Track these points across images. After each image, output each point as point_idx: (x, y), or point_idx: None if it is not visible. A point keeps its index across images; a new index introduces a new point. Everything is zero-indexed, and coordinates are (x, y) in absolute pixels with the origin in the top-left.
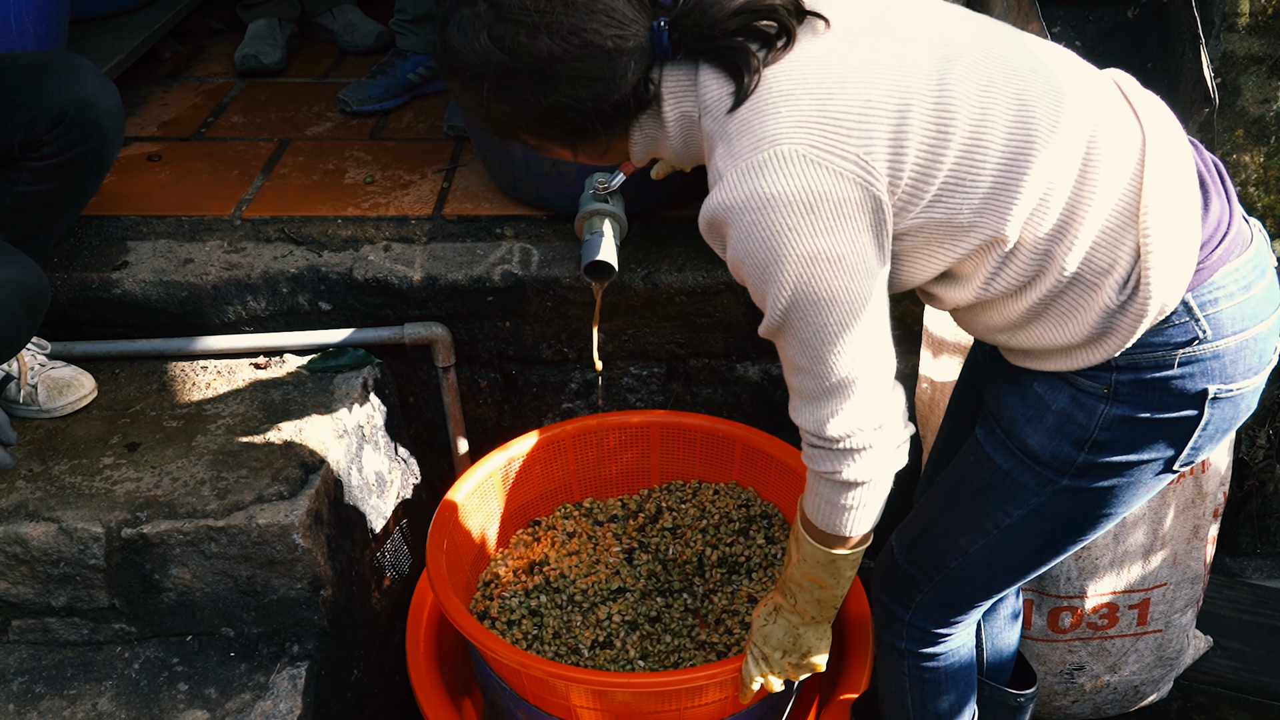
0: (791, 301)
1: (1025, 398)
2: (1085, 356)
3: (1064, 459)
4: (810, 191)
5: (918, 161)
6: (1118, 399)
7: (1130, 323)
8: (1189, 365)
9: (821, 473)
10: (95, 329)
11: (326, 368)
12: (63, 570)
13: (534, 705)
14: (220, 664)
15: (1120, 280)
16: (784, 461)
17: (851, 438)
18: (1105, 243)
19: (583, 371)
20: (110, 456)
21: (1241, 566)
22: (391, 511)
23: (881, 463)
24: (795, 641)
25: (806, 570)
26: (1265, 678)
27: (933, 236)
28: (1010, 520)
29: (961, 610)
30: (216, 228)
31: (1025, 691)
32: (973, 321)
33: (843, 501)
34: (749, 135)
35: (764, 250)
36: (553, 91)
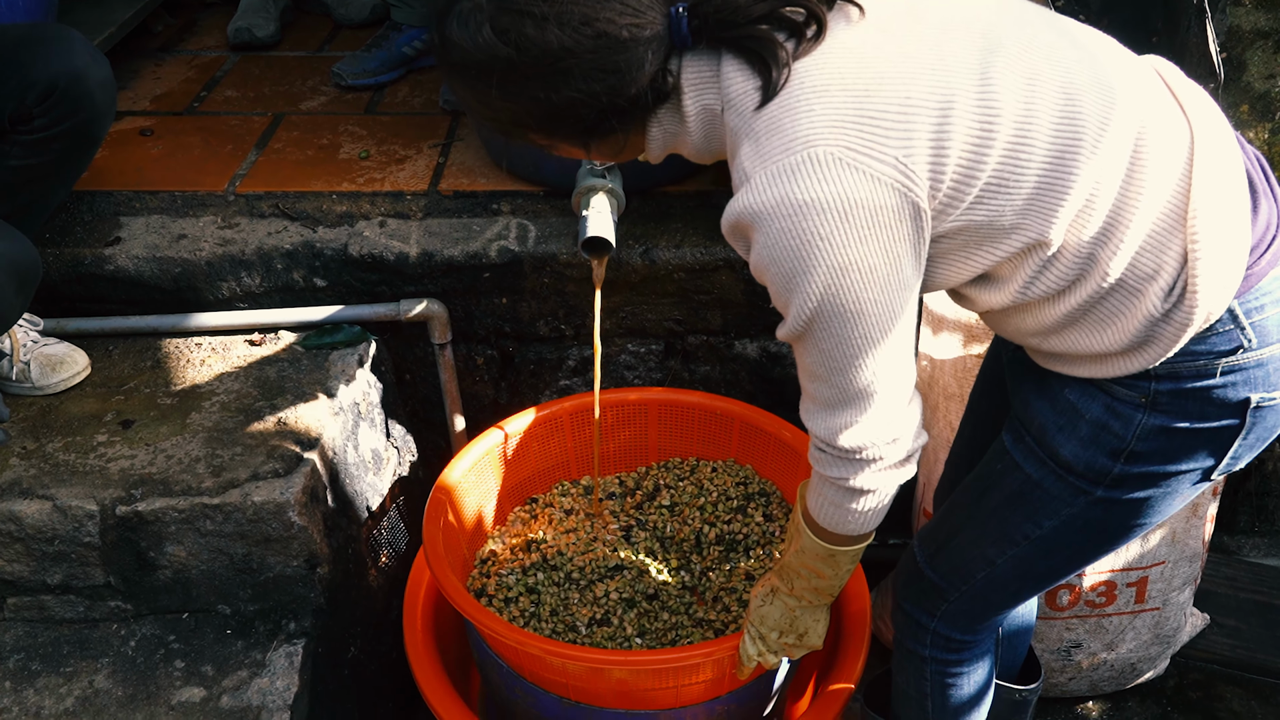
0: (816, 312)
1: (1056, 405)
2: (1123, 364)
3: (1098, 470)
4: (846, 198)
5: (960, 163)
6: (1156, 408)
7: (1174, 331)
8: (1232, 374)
9: (828, 476)
10: (88, 305)
11: (322, 345)
12: (58, 548)
13: (531, 682)
14: (217, 641)
15: (1165, 287)
16: (782, 439)
17: (864, 450)
18: (1151, 247)
19: (580, 348)
20: (104, 434)
21: (1239, 545)
22: (388, 489)
23: (890, 475)
24: (792, 623)
25: (805, 560)
26: (1262, 655)
27: (972, 239)
28: (1041, 531)
29: (989, 618)
30: (210, 203)
31: (1028, 687)
32: (1004, 323)
33: (848, 505)
34: (780, 135)
35: (792, 258)
36: (564, 86)
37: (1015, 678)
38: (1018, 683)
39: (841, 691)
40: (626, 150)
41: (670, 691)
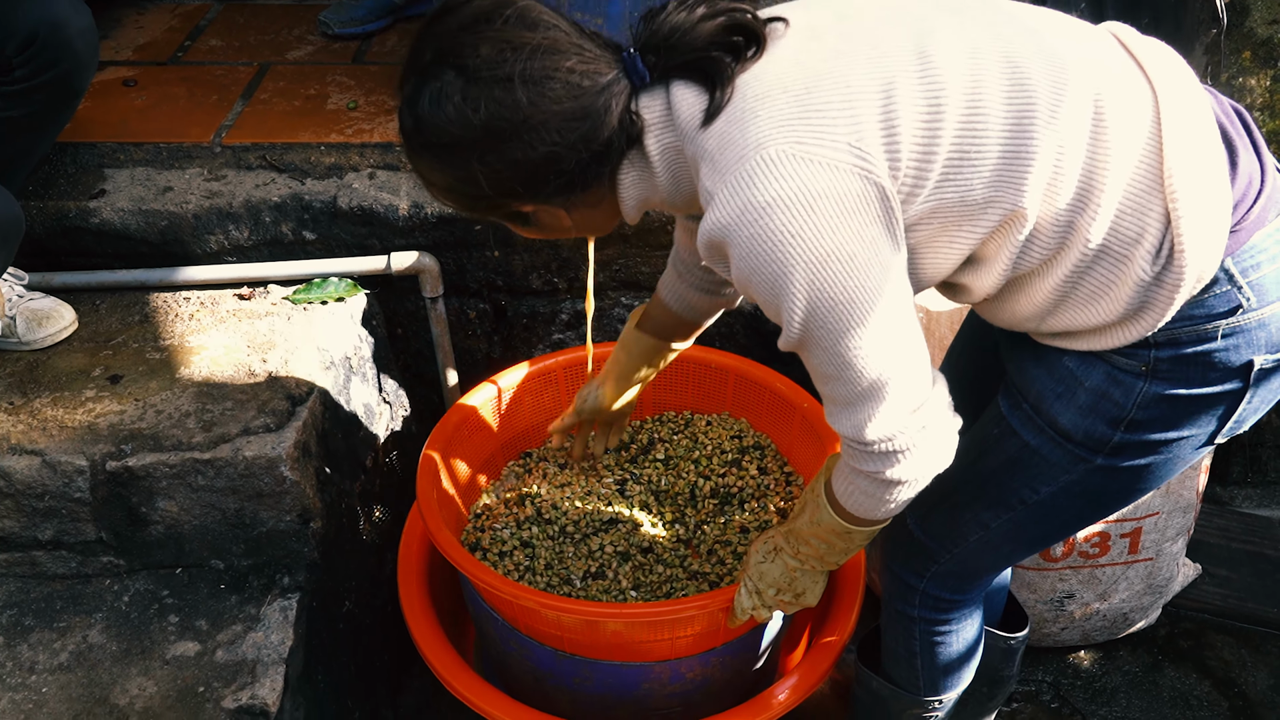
0: (808, 311)
1: (1054, 373)
2: (1121, 334)
3: (1098, 438)
4: (806, 190)
5: (915, 139)
6: (1157, 376)
7: (1167, 295)
8: (1233, 336)
9: (863, 471)
10: (74, 259)
11: (312, 298)
12: (48, 503)
13: (526, 635)
14: (210, 596)
15: (1152, 250)
16: (777, 391)
17: (893, 439)
18: (1131, 210)
19: (573, 302)
20: (92, 389)
21: (1232, 495)
22: (381, 444)
23: (926, 463)
24: (791, 583)
25: (818, 531)
26: (1252, 604)
27: (949, 220)
28: (1038, 497)
29: (978, 579)
30: (196, 155)
31: (1017, 635)
32: (1001, 311)
33: (882, 496)
34: (731, 147)
35: (769, 262)
36: (540, 142)
37: (999, 625)
38: (1003, 630)
39: (835, 644)
40: (606, 206)
41: (665, 643)
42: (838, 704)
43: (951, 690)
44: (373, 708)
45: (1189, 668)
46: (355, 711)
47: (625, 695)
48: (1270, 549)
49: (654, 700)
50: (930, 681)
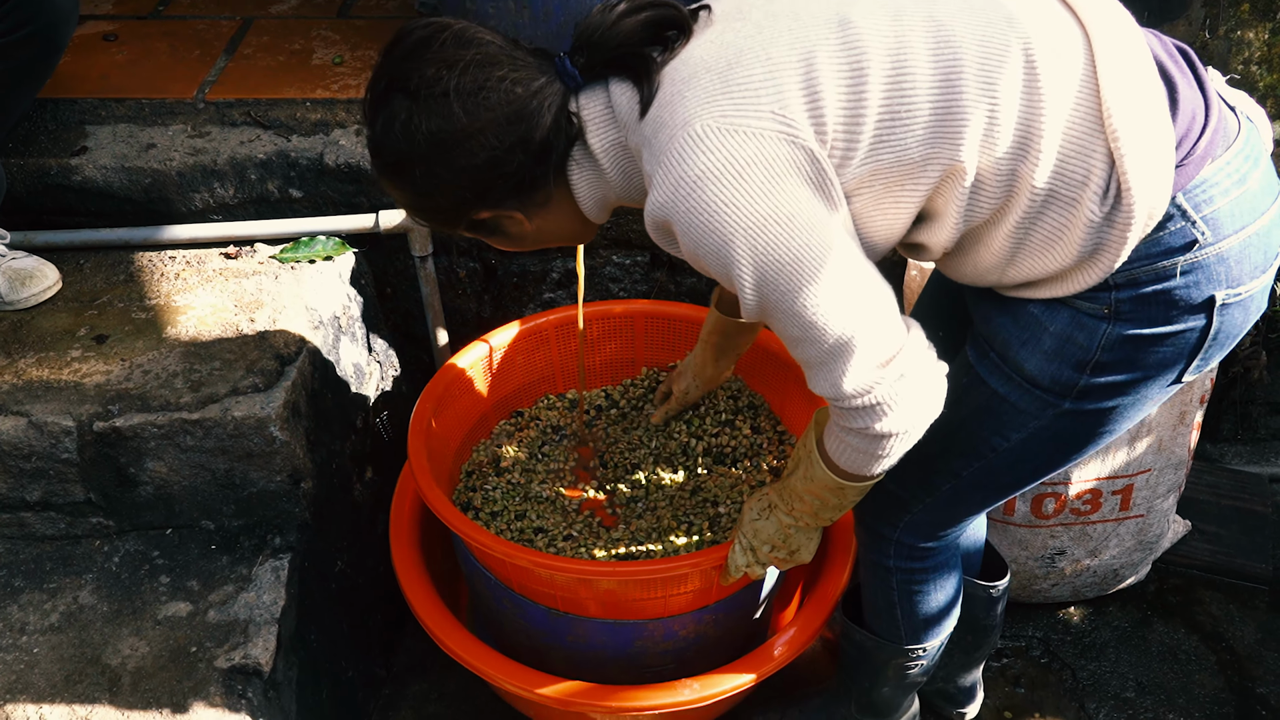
0: (757, 275)
1: (1019, 320)
2: (1081, 279)
3: (1065, 382)
4: (734, 160)
5: (839, 103)
6: (1119, 318)
7: (1119, 234)
8: (1192, 273)
9: (852, 429)
10: (56, 218)
11: (300, 257)
12: (35, 464)
13: (519, 594)
14: (201, 557)
15: (1099, 190)
16: (770, 350)
17: (871, 391)
18: (1074, 153)
19: (564, 260)
20: (78, 349)
21: (1222, 453)
22: (371, 404)
23: (913, 413)
24: (785, 540)
25: (812, 488)
26: (1241, 560)
27: (890, 180)
28: (1008, 444)
29: (951, 526)
30: (179, 111)
31: (998, 584)
32: (963, 266)
33: (873, 451)
34: (663, 129)
35: (710, 234)
36: (480, 148)
37: (979, 576)
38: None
39: (829, 599)
40: (558, 208)
41: (658, 601)
42: (828, 660)
43: (934, 638)
44: (366, 667)
45: (1177, 623)
46: (349, 671)
47: (619, 653)
48: (1259, 505)
49: (647, 657)
50: (911, 630)
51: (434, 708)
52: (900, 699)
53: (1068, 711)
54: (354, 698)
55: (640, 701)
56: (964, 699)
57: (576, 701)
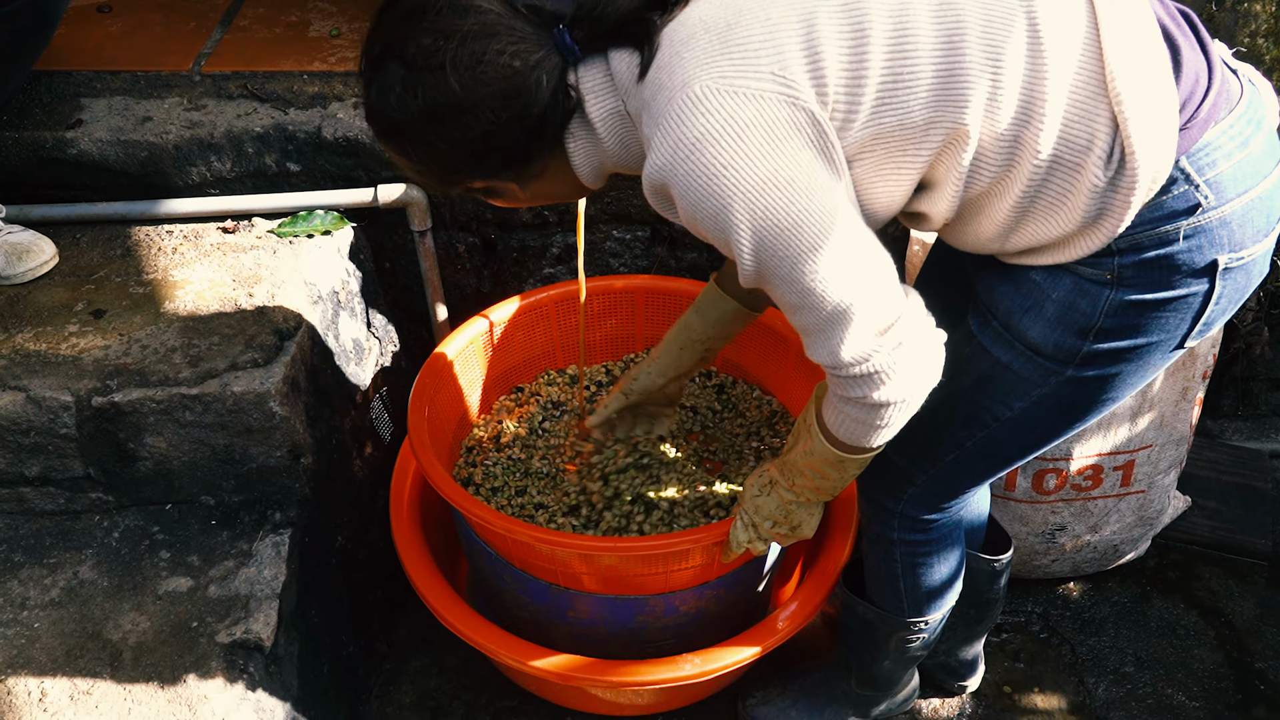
0: (755, 240)
1: (1022, 287)
2: (1084, 244)
3: (1068, 349)
4: (734, 121)
5: (840, 65)
6: (1122, 283)
7: (1123, 199)
8: (1194, 237)
9: (850, 398)
10: (51, 192)
11: (298, 232)
12: (34, 440)
13: (520, 569)
14: (202, 532)
15: (1103, 155)
16: (771, 326)
17: (869, 360)
18: (1078, 117)
19: (564, 235)
20: (75, 324)
21: (1222, 429)
22: (370, 379)
23: (911, 382)
24: (786, 515)
25: (812, 462)
26: (1240, 535)
27: (891, 145)
28: (1011, 413)
29: (954, 497)
30: (175, 84)
31: (1001, 557)
32: (965, 235)
33: (872, 421)
34: (662, 91)
35: (709, 197)
36: (476, 122)
37: (982, 549)
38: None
39: (831, 572)
40: (554, 177)
41: (660, 577)
42: (828, 635)
43: (936, 611)
44: (366, 642)
45: (1177, 598)
46: (349, 646)
47: (619, 628)
48: (1259, 481)
49: (648, 633)
50: (915, 603)
51: (434, 682)
52: (901, 672)
53: (1067, 686)
54: (355, 673)
55: (641, 676)
56: (965, 672)
57: (577, 676)
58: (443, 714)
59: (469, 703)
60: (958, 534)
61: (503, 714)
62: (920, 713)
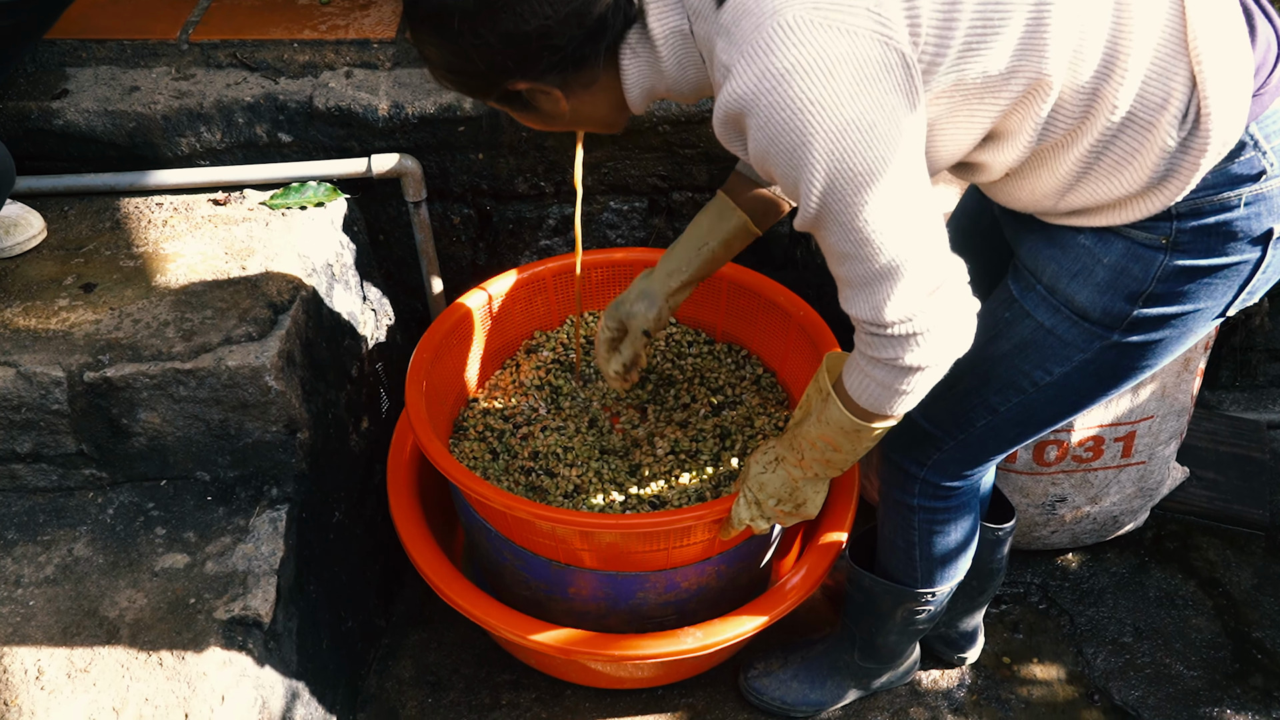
0: (827, 183)
1: (1069, 251)
2: (1144, 206)
3: (1116, 314)
4: (826, 56)
5: (935, 5)
6: (1177, 248)
7: (1192, 161)
8: (1255, 204)
9: (879, 359)
10: (38, 164)
11: (290, 204)
12: (25, 415)
13: (521, 546)
14: (197, 508)
15: (1178, 115)
16: (773, 301)
17: (912, 320)
18: (1156, 75)
19: (561, 206)
20: (65, 298)
21: (1220, 399)
22: (366, 353)
23: (945, 347)
24: (792, 493)
25: (825, 433)
26: (1238, 506)
27: (970, 93)
28: (1050, 378)
29: (979, 464)
30: (162, 52)
31: (1004, 525)
32: (1019, 190)
33: (897, 386)
34: (748, 17)
35: (788, 132)
36: (532, 15)
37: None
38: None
39: (832, 547)
40: (603, 90)
41: (661, 554)
42: (829, 609)
43: (947, 582)
44: (365, 617)
45: (1175, 568)
46: (348, 621)
47: (620, 604)
48: (1257, 451)
49: (649, 609)
50: (927, 573)
51: (434, 657)
52: (904, 645)
53: (1066, 656)
54: (354, 648)
55: (643, 650)
56: (965, 644)
57: (579, 650)
58: (442, 688)
59: (468, 677)
60: (974, 503)
61: (502, 688)
62: (920, 684)
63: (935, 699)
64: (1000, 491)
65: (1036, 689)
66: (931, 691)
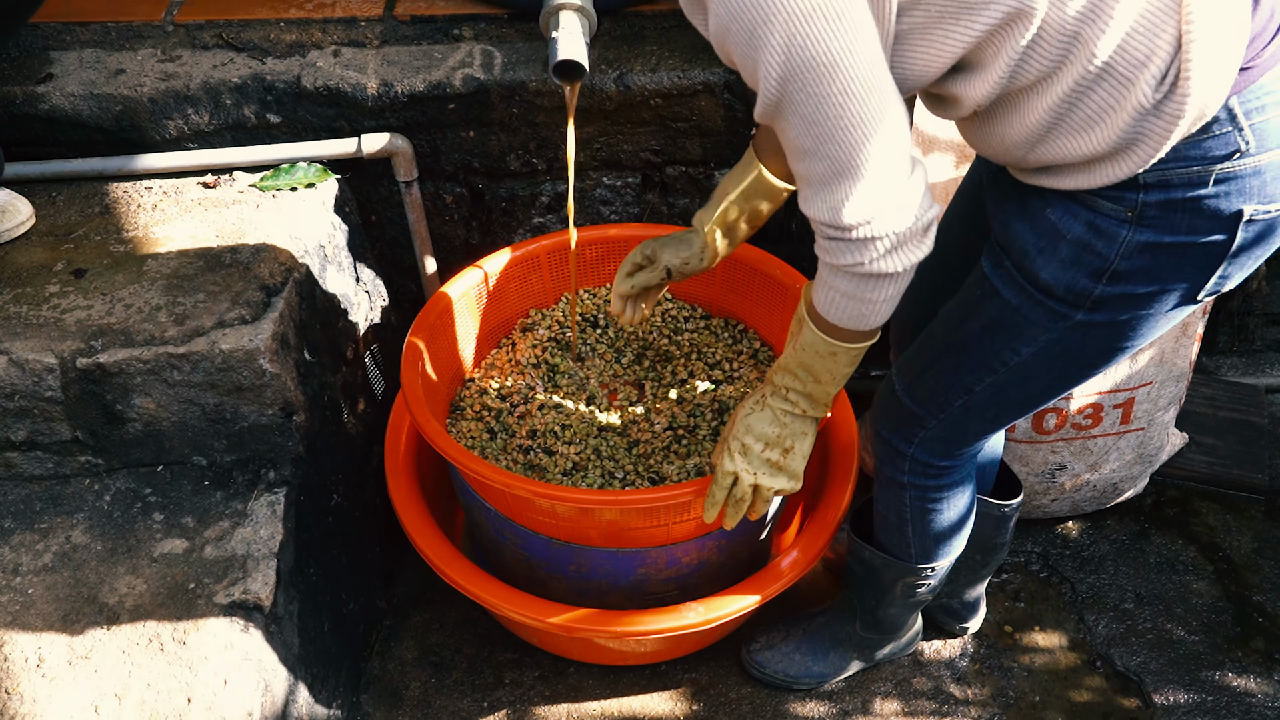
0: (786, 69)
1: (1037, 226)
2: (1110, 170)
3: (1079, 292)
4: None
5: None
6: (1142, 223)
7: (1164, 126)
8: (1226, 183)
9: (839, 266)
10: (24, 149)
11: (281, 185)
12: (18, 403)
13: (521, 525)
14: (195, 493)
15: (1157, 74)
16: (769, 274)
17: (871, 224)
18: (1143, 29)
19: (554, 183)
20: (56, 284)
21: (1218, 365)
22: (360, 335)
23: (905, 253)
24: (778, 434)
25: (804, 358)
26: (1237, 470)
27: (947, 9)
28: (1019, 358)
29: (966, 444)
30: (147, 34)
31: (1010, 503)
32: (989, 135)
33: (861, 295)
34: None
35: (748, 11)
36: None
37: (992, 494)
38: (996, 498)
39: (830, 521)
40: None
41: (661, 529)
42: (830, 581)
43: (943, 558)
44: (366, 600)
45: (1175, 534)
46: (349, 603)
47: (621, 581)
48: (1256, 416)
49: (650, 585)
50: (922, 549)
51: (436, 638)
52: (906, 616)
53: (1067, 624)
54: (355, 630)
55: (646, 626)
56: (967, 614)
57: (582, 628)
58: (445, 669)
59: (471, 657)
60: (968, 481)
61: (505, 667)
62: (922, 654)
63: (938, 668)
64: (1008, 467)
65: (1038, 657)
66: (934, 661)
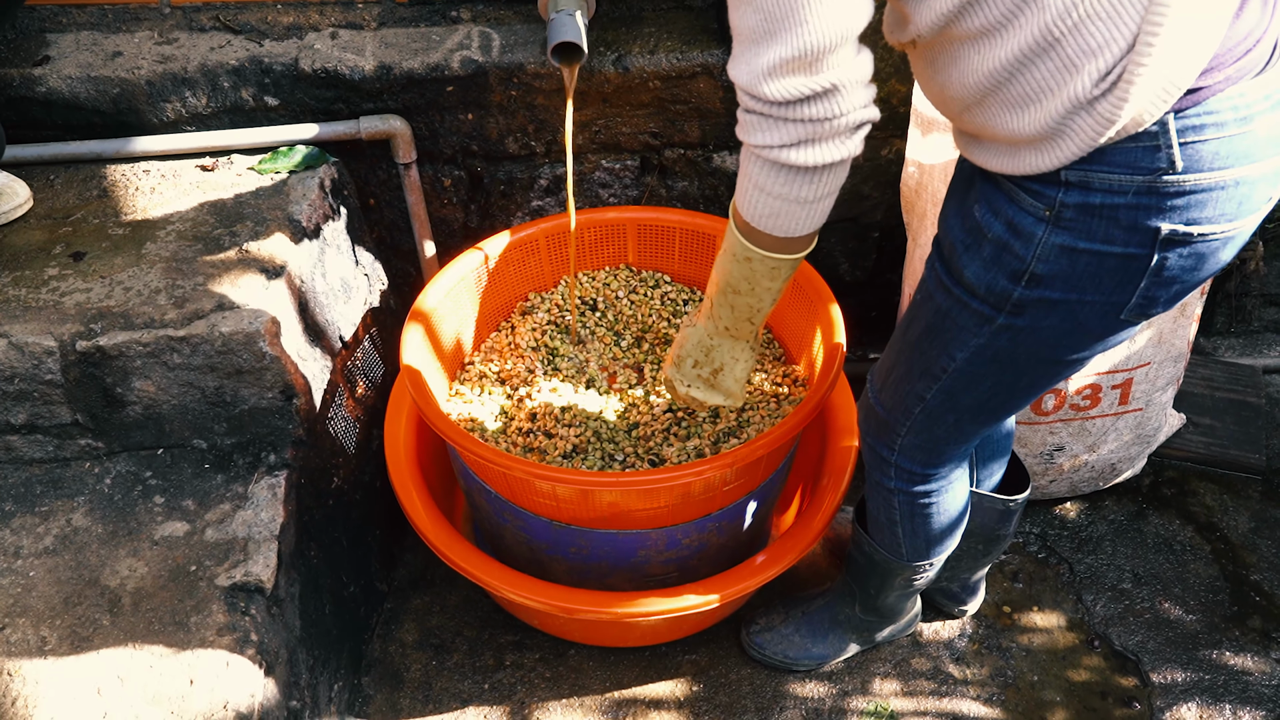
0: None
1: (965, 223)
2: (1033, 159)
3: (999, 293)
4: None
5: None
6: (1059, 224)
7: (1094, 126)
8: (1144, 197)
9: (756, 146)
10: (22, 132)
11: (279, 168)
12: (18, 386)
13: (521, 507)
14: (195, 476)
15: (1103, 69)
16: None
17: (798, 105)
18: (1103, 16)
19: (552, 166)
20: (55, 267)
21: (1215, 345)
22: (360, 318)
23: (824, 147)
24: (707, 353)
25: (725, 265)
26: (1234, 451)
27: None
28: (955, 364)
29: (943, 452)
30: (144, 16)
31: (1017, 498)
32: (930, 79)
33: (772, 189)
34: None
35: None
36: None
37: (1000, 488)
38: (1003, 493)
39: (831, 500)
40: None
41: (661, 511)
42: (830, 564)
43: (937, 556)
44: (367, 582)
45: (1172, 514)
46: (350, 586)
47: (622, 562)
48: (1253, 396)
49: (650, 566)
50: (914, 549)
51: (436, 620)
52: (904, 602)
53: (1066, 604)
54: (356, 612)
55: (646, 607)
56: (966, 597)
57: (583, 609)
58: (445, 651)
59: (471, 639)
60: (959, 483)
61: (505, 649)
62: (922, 636)
63: (937, 649)
64: (1019, 462)
65: (1037, 637)
66: (933, 642)
